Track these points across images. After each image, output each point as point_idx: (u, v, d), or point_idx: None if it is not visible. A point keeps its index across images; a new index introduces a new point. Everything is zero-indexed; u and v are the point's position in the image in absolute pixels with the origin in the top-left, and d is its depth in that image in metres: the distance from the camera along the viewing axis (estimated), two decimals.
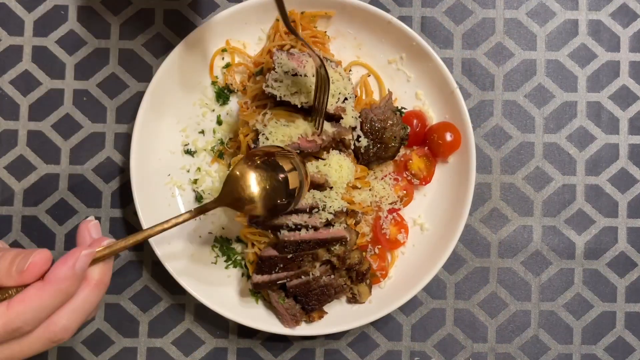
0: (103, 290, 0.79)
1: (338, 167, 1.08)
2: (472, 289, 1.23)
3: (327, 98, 1.03)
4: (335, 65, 1.13)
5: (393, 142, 1.14)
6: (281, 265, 1.09)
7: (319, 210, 1.07)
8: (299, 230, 1.08)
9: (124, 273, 1.23)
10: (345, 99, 1.10)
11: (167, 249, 1.16)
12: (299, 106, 1.08)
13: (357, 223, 1.17)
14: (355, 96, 1.16)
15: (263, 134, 1.07)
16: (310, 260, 1.10)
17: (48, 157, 1.22)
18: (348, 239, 1.10)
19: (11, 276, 0.73)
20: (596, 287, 1.24)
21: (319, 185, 1.07)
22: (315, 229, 1.08)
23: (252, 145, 1.08)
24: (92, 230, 0.83)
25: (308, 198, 1.06)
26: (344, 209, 1.10)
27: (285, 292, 1.14)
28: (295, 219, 1.07)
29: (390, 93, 1.17)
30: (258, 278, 1.10)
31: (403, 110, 1.19)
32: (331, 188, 1.08)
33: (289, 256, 1.09)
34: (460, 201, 1.16)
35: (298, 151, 1.06)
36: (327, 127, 1.10)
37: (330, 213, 1.07)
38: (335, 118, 1.11)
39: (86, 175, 1.23)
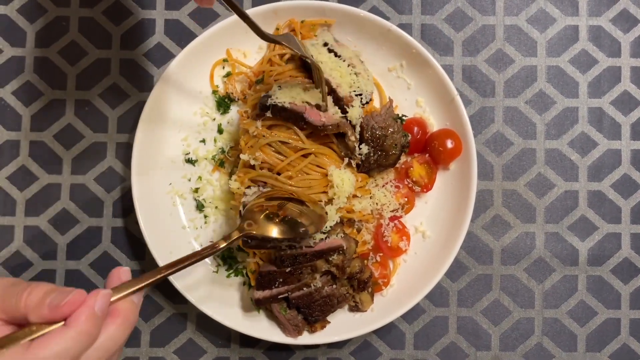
0: (128, 329, 0.74)
1: (340, 181, 1.07)
2: (475, 296, 1.22)
3: (324, 83, 1.04)
4: (366, 68, 1.14)
5: (394, 149, 1.13)
6: (281, 280, 1.09)
7: (308, 238, 1.06)
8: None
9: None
10: (360, 95, 1.09)
11: (169, 258, 1.15)
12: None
13: (358, 230, 1.17)
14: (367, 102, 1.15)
15: (278, 88, 1.06)
16: (309, 272, 1.10)
17: (50, 167, 1.22)
18: (345, 248, 1.09)
19: (41, 311, 0.68)
20: (600, 294, 1.23)
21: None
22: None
23: (261, 104, 1.05)
24: (123, 276, 0.78)
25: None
26: (338, 220, 1.09)
27: (288, 303, 1.13)
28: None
29: (390, 100, 1.16)
30: (259, 294, 1.10)
31: (404, 117, 1.19)
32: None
33: (288, 270, 1.08)
34: (462, 208, 1.16)
35: (303, 123, 1.04)
36: (334, 111, 1.08)
37: (324, 232, 1.07)
38: (342, 104, 1.09)
39: (88, 185, 1.23)
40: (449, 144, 1.15)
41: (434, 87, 1.18)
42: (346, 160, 1.11)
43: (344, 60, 1.11)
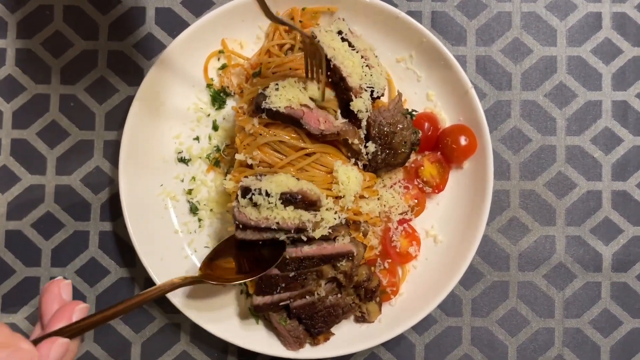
0: None
1: (345, 178, 1.00)
2: (491, 305, 1.16)
3: (324, 69, 0.98)
4: (379, 63, 1.09)
5: (403, 147, 1.06)
6: (283, 285, 1.01)
7: (307, 230, 0.97)
8: (301, 245, 0.99)
9: (114, 291, 1.16)
10: (372, 88, 1.03)
11: (160, 265, 1.08)
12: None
13: (364, 234, 1.09)
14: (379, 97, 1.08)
15: (274, 88, 1.00)
16: (314, 279, 1.02)
17: (33, 167, 1.17)
18: (355, 254, 1.01)
19: None
20: (625, 302, 1.17)
21: (311, 204, 0.97)
22: (319, 243, 0.99)
23: (257, 104, 1.00)
24: (63, 291, 0.75)
25: (294, 218, 0.96)
26: (343, 222, 1.01)
27: (288, 312, 1.05)
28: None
29: (399, 94, 1.09)
30: (259, 300, 1.02)
31: (414, 113, 1.11)
32: (317, 210, 0.98)
33: (291, 274, 1.00)
34: (476, 210, 1.10)
35: (301, 123, 0.99)
36: (336, 119, 1.02)
37: (324, 230, 0.98)
38: (350, 94, 1.02)
39: (74, 186, 1.17)
40: (463, 140, 1.10)
41: (446, 79, 1.13)
42: (352, 160, 1.04)
43: (357, 52, 1.05)
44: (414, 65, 1.15)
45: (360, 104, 1.01)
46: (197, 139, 1.15)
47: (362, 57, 1.06)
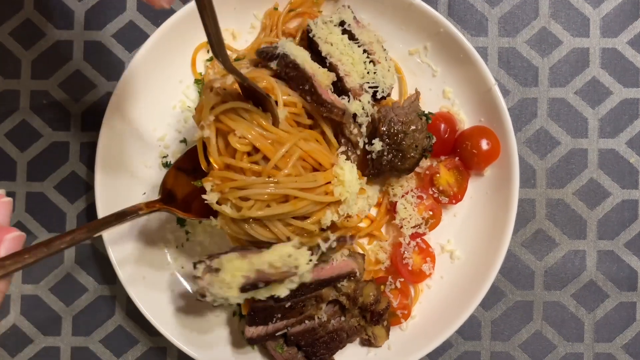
0: None
1: (351, 177, 0.88)
2: (513, 327, 1.10)
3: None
4: (389, 58, 1.02)
5: (413, 151, 0.98)
6: (279, 315, 0.92)
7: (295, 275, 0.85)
8: None
9: (93, 311, 1.07)
10: (375, 88, 0.96)
11: (143, 285, 0.99)
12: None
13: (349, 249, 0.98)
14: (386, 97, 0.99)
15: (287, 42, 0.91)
16: (313, 304, 0.92)
17: (1, 172, 1.09)
18: (358, 273, 0.92)
19: None
20: None
21: (278, 281, 0.84)
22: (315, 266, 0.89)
23: (266, 52, 0.89)
24: (1, 211, 0.66)
25: (276, 262, 0.83)
26: (334, 245, 0.89)
27: (286, 339, 0.95)
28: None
29: (417, 92, 1.01)
30: (252, 331, 0.93)
31: (430, 115, 1.01)
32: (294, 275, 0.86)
33: (288, 304, 0.90)
34: (499, 223, 1.03)
35: (309, 91, 0.87)
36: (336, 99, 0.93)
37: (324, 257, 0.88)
38: (347, 94, 0.94)
39: (47, 193, 1.10)
40: (484, 144, 1.02)
41: (465, 74, 1.05)
42: (342, 148, 0.93)
43: (359, 46, 0.97)
44: (428, 58, 1.07)
45: (357, 107, 0.94)
46: (184, 141, 1.07)
47: (365, 51, 0.97)
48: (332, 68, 0.95)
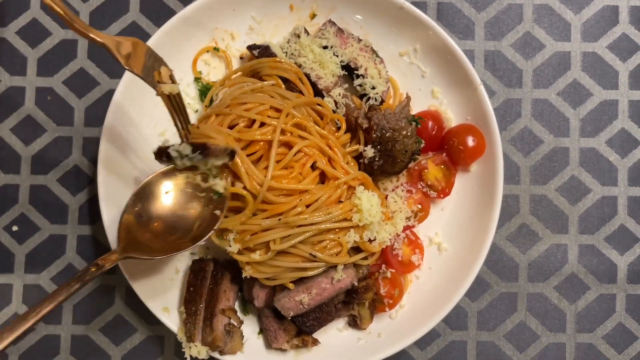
0: None
1: (369, 206, 0.96)
2: (498, 318, 1.12)
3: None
4: (380, 61, 1.07)
5: (402, 156, 1.02)
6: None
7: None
8: (299, 294, 0.99)
9: (93, 300, 1.10)
10: (367, 98, 1.06)
11: (143, 276, 1.02)
12: None
13: (363, 280, 1.02)
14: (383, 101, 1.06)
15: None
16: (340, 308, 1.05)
17: (6, 165, 1.12)
18: (369, 285, 1.02)
19: None
20: None
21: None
22: (317, 284, 0.99)
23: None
24: None
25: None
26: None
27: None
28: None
29: (408, 98, 1.05)
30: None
31: (419, 120, 1.05)
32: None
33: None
34: (484, 216, 1.06)
35: None
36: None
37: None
38: (320, 93, 1.04)
39: (50, 186, 1.12)
40: (470, 141, 1.05)
41: (453, 75, 1.08)
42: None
43: (340, 62, 1.07)
44: (418, 59, 1.10)
45: (329, 101, 1.03)
46: None
47: (350, 68, 1.06)
48: (307, 76, 1.03)
